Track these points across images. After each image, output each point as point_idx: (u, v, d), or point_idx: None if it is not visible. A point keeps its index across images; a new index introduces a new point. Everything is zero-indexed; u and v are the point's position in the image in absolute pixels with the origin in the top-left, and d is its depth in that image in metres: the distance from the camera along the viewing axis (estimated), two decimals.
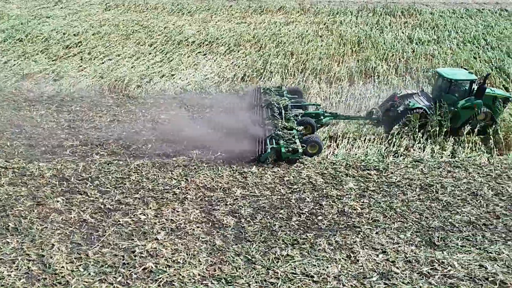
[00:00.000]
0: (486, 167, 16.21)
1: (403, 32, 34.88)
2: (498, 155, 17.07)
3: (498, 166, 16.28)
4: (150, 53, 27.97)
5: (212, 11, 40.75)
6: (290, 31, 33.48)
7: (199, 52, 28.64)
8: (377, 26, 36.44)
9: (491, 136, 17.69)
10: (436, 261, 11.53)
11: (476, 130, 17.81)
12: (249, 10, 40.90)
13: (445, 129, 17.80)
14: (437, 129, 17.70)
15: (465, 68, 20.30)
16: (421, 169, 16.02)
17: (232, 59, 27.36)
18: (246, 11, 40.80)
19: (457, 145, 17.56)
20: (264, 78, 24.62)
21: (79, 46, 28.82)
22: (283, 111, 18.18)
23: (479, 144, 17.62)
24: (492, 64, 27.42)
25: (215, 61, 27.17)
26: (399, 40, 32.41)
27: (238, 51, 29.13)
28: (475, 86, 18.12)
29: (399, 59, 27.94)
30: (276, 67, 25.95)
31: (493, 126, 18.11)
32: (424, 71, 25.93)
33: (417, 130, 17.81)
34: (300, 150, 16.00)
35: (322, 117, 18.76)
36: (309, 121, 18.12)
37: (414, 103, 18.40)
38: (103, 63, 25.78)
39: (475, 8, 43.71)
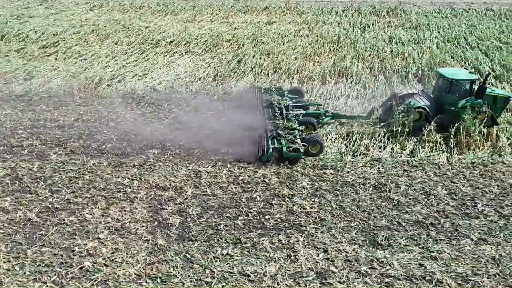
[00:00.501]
0: (444, 167, 16.21)
1: (385, 32, 34.89)
2: (458, 155, 17.02)
3: (456, 166, 16.27)
4: (126, 53, 27.96)
5: (197, 10, 40.73)
6: (270, 31, 33.45)
7: (175, 52, 28.60)
8: (360, 25, 36.44)
9: (452, 136, 17.64)
10: (376, 260, 11.52)
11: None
12: (233, 10, 40.88)
13: (408, 129, 17.77)
14: (399, 128, 17.68)
15: (465, 68, 20.40)
16: (378, 168, 16.01)
17: (208, 59, 27.33)
18: (231, 11, 40.78)
19: (418, 144, 17.50)
20: (236, 77, 24.58)
21: (56, 46, 28.81)
22: (284, 111, 18.23)
23: (440, 144, 17.56)
24: (468, 64, 27.38)
25: (190, 60, 27.15)
26: (379, 39, 32.38)
27: (216, 51, 29.11)
28: (475, 86, 18.17)
29: (376, 58, 27.88)
30: (251, 66, 25.92)
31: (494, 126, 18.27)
32: (399, 71, 25.97)
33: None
34: (302, 150, 15.99)
35: (323, 117, 18.80)
36: (310, 121, 18.24)
37: (415, 103, 18.47)
38: (76, 63, 25.74)
39: (462, 8, 43.66)
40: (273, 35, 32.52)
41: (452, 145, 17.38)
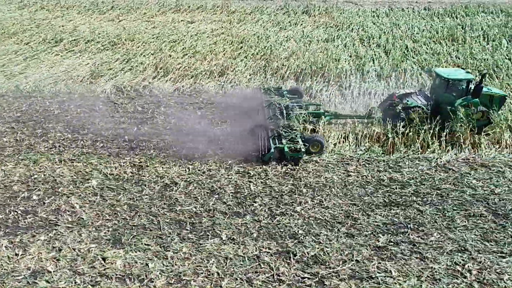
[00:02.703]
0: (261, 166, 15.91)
1: (303, 32, 34.64)
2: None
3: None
4: (17, 52, 27.90)
5: (127, 10, 40.67)
6: (185, 30, 33.41)
7: (70, 51, 28.53)
8: (282, 24, 36.27)
9: None
10: (102, 259, 11.35)
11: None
12: (163, 9, 40.70)
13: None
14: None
15: (462, 68, 20.71)
16: (188, 167, 15.72)
17: (96, 58, 27.24)
18: (160, 10, 40.65)
19: None
20: (110, 76, 24.46)
21: None
22: (284, 111, 18.29)
23: None
24: (359, 62, 27.29)
25: (79, 59, 27.04)
26: (287, 39, 32.18)
27: (113, 50, 29.03)
28: (471, 85, 18.29)
29: (266, 57, 27.71)
30: (133, 65, 25.83)
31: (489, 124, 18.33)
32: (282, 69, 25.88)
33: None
34: (303, 149, 15.98)
35: (322, 117, 18.81)
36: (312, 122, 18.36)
37: (412, 102, 18.69)
38: None
39: (403, 7, 43.42)
40: (185, 34, 32.42)
41: None
